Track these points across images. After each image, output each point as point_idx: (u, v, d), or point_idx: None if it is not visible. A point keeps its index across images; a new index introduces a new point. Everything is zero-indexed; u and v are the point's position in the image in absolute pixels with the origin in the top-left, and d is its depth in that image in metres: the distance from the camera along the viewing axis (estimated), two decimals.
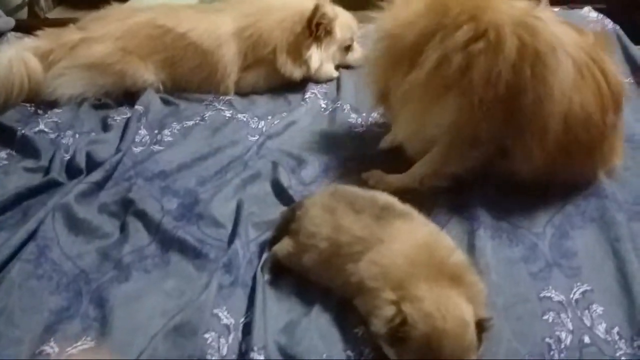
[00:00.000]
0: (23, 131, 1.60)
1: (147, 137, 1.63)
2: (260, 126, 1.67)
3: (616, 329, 0.99)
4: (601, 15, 2.15)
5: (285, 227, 1.16)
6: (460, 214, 1.28)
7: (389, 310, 0.91)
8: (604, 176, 1.36)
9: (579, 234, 1.21)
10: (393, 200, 1.13)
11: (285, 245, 1.12)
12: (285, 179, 1.39)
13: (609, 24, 2.11)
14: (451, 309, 0.89)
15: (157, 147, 1.57)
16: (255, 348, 0.94)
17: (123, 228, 1.25)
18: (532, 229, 1.23)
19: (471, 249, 1.17)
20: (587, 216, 1.26)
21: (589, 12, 2.17)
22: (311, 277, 1.08)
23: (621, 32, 2.07)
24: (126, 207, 1.30)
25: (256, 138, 1.59)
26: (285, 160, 1.48)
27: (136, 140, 1.59)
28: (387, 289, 0.94)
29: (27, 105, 1.77)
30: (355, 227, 1.04)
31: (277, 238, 1.16)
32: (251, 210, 1.29)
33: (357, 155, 1.52)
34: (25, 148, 1.55)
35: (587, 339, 0.97)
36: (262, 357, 0.93)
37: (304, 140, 1.59)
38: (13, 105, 1.75)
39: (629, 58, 1.92)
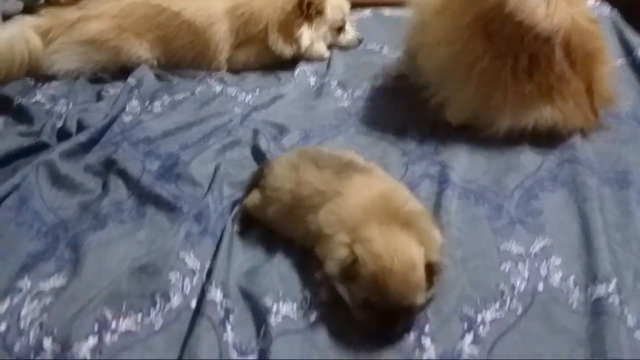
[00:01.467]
0: (20, 101, 1.67)
1: (138, 107, 1.68)
2: (247, 99, 1.71)
3: (572, 278, 1.00)
4: (599, 2, 2.16)
5: (254, 184, 1.20)
6: (432, 177, 1.30)
7: (342, 252, 0.94)
8: (580, 142, 1.38)
9: (547, 196, 1.22)
10: (358, 158, 1.17)
11: (254, 198, 1.16)
12: (264, 144, 1.43)
13: (607, 9, 2.12)
14: (399, 250, 0.91)
15: (146, 117, 1.63)
16: (214, 282, 0.98)
17: (105, 185, 1.31)
18: (500, 192, 1.24)
19: (437, 208, 1.19)
20: (558, 181, 1.27)
21: None
22: (276, 229, 1.12)
23: (617, 17, 2.08)
24: (109, 167, 1.36)
25: (242, 110, 1.63)
26: (268, 130, 1.52)
27: (127, 110, 1.65)
28: (342, 233, 0.97)
29: (28, 78, 1.84)
30: (316, 182, 1.08)
31: (247, 195, 1.20)
32: (228, 171, 1.33)
33: (338, 124, 1.55)
34: (21, 116, 1.62)
35: (540, 287, 0.99)
36: (219, 292, 0.96)
37: (288, 112, 1.63)
38: (14, 78, 1.82)
39: (623, 42, 1.92)
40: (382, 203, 1.01)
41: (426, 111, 1.52)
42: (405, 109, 1.61)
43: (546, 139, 1.40)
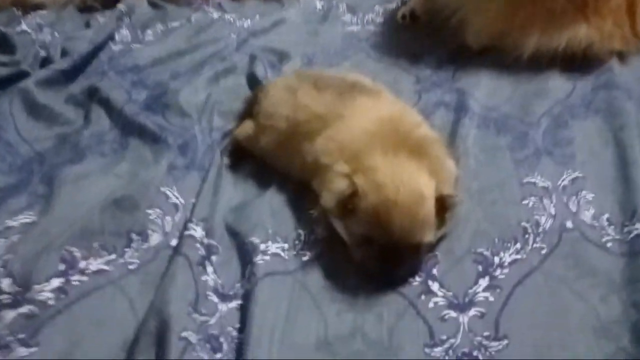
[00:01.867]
0: (3, 30, 1.54)
1: (129, 36, 1.56)
2: (246, 25, 1.57)
3: (606, 215, 0.87)
4: None
5: (247, 113, 1.07)
6: (448, 105, 1.17)
7: (340, 183, 0.81)
8: (618, 66, 1.21)
9: (578, 124, 1.08)
10: (364, 79, 1.03)
11: (246, 127, 1.04)
12: (261, 72, 1.29)
13: None
14: (406, 180, 0.78)
15: (136, 46, 1.50)
16: (195, 220, 0.87)
17: (86, 116, 1.20)
18: (525, 119, 1.10)
19: (453, 137, 1.05)
20: (592, 108, 1.12)
21: None
22: (270, 161, 1.00)
23: None
24: (91, 96, 1.24)
25: (239, 35, 1.49)
26: (266, 56, 1.38)
27: (117, 39, 1.53)
28: (341, 162, 0.84)
29: (14, 9, 1.72)
30: (315, 105, 0.95)
31: (240, 124, 1.08)
32: (220, 100, 1.21)
33: (345, 49, 1.41)
34: (4, 45, 1.50)
35: (569, 224, 0.86)
36: (200, 229, 0.86)
37: (290, 38, 1.49)
38: (0, 9, 1.70)
39: None
40: (389, 127, 0.88)
41: (444, 35, 1.39)
42: (421, 33, 1.47)
43: (579, 63, 1.24)
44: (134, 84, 1.31)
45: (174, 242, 0.86)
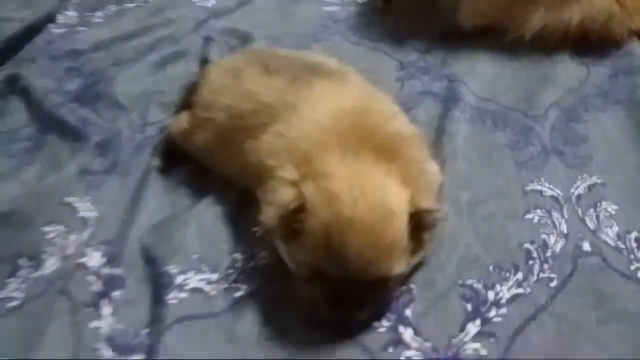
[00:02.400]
0: None
1: (76, 19, 1.36)
2: (208, 5, 1.37)
3: (634, 234, 0.67)
4: None
5: (187, 102, 0.87)
6: (436, 95, 0.97)
7: (285, 194, 0.62)
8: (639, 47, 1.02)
9: (595, 117, 0.89)
10: (329, 60, 0.83)
11: (181, 121, 0.84)
12: (216, 57, 1.09)
13: None
14: (369, 190, 0.59)
15: (81, 29, 1.30)
16: (95, 242, 0.68)
17: (3, 110, 1.00)
18: (528, 112, 0.91)
19: (439, 133, 0.86)
20: (610, 97, 0.94)
21: None
22: (208, 163, 0.81)
23: None
24: (12, 86, 1.04)
25: (198, 15, 1.29)
26: (226, 39, 1.18)
27: (59, 21, 1.33)
28: (289, 166, 0.64)
29: None
30: (262, 92, 0.75)
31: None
32: (161, 89, 1.01)
33: (318, 32, 1.21)
34: None
35: (586, 246, 0.66)
36: (97, 255, 0.66)
37: (257, 19, 1.29)
38: None
39: None
40: (352, 121, 0.68)
41: (434, 15, 1.19)
42: (409, 13, 1.27)
43: (593, 44, 1.04)
44: (67, 72, 1.11)
45: None
